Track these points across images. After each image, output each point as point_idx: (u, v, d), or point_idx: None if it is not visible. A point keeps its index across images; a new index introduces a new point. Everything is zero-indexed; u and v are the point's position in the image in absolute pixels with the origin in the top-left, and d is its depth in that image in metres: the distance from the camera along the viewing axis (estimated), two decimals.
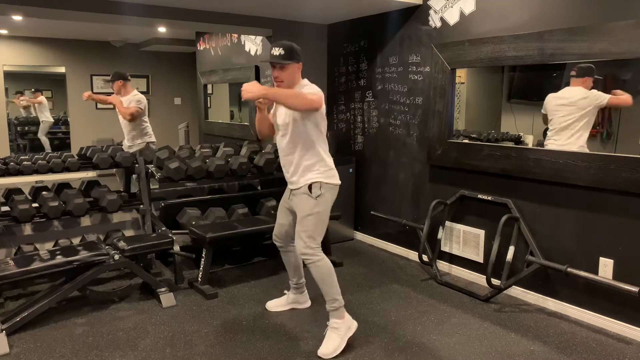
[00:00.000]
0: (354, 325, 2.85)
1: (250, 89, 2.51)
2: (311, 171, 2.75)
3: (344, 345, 2.74)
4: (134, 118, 4.77)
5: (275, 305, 3.28)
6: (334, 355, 2.69)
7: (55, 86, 8.63)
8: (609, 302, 3.02)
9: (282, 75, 2.70)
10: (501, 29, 3.42)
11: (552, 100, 3.36)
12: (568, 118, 3.26)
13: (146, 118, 4.96)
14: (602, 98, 3.16)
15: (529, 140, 3.69)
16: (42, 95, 8.51)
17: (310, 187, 2.73)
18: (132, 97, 4.83)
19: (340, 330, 2.77)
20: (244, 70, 5.56)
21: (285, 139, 2.78)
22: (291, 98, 2.57)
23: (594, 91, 3.19)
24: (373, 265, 4.19)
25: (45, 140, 8.55)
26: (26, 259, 3.10)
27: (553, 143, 3.33)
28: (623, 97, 3.11)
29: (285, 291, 3.33)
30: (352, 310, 3.18)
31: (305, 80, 2.81)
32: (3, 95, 7.79)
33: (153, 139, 5.01)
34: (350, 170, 4.74)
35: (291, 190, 2.86)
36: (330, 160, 2.82)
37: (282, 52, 2.66)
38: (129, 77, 5.04)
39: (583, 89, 3.21)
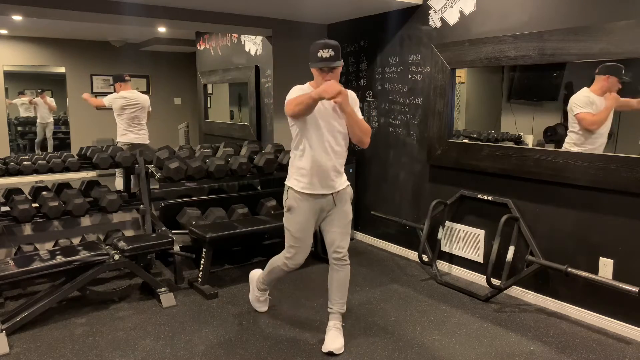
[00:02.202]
0: None
1: (342, 93, 2.40)
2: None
3: None
4: (96, 107, 5.39)
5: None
6: (341, 351, 2.72)
7: (55, 86, 8.63)
8: (609, 302, 3.02)
9: (332, 77, 2.49)
10: (501, 29, 3.42)
11: None
12: (571, 120, 3.23)
13: (127, 117, 5.16)
14: (574, 109, 3.14)
15: (529, 140, 3.69)
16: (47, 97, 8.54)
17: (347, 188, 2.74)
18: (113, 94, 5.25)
19: (342, 331, 2.81)
20: (244, 70, 5.56)
21: (338, 139, 2.64)
22: (361, 125, 2.56)
23: (578, 98, 3.16)
24: (373, 265, 4.19)
25: (51, 144, 8.59)
26: (26, 259, 3.10)
27: (566, 143, 3.28)
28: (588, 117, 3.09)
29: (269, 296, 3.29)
30: (352, 310, 3.18)
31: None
32: (3, 95, 7.79)
33: (131, 139, 5.19)
34: (350, 170, 4.73)
35: (331, 194, 2.69)
36: None
37: (333, 54, 2.45)
38: (127, 78, 5.18)
39: (586, 91, 3.17)
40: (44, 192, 3.60)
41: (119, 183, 4.82)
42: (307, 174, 2.63)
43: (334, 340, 2.73)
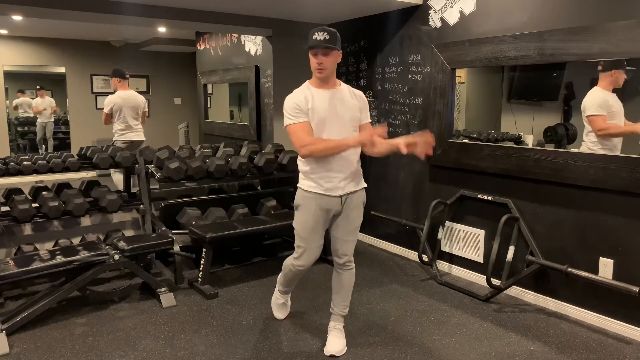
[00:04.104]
0: None
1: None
2: (361, 173, 2.70)
3: None
4: (107, 122, 5.23)
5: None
6: (343, 352, 2.71)
7: (55, 86, 8.64)
8: (609, 302, 3.02)
9: (326, 61, 2.48)
10: (501, 29, 3.41)
11: None
12: (585, 120, 3.21)
13: (121, 118, 5.19)
14: (589, 111, 3.11)
15: (529, 140, 3.70)
16: (45, 95, 8.54)
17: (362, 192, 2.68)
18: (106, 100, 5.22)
19: (343, 332, 2.80)
20: (244, 70, 5.56)
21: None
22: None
23: (596, 99, 3.12)
24: (373, 265, 4.19)
25: (51, 143, 8.60)
26: (26, 259, 3.10)
27: (583, 144, 3.26)
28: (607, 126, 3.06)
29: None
30: (352, 310, 3.18)
31: (344, 85, 2.65)
32: (3, 95, 7.80)
33: (126, 137, 5.23)
34: None
35: (341, 196, 2.61)
36: None
37: (328, 37, 2.46)
38: (127, 76, 5.16)
39: (598, 91, 3.15)
40: (44, 192, 3.60)
41: (117, 180, 4.80)
42: None
43: (335, 342, 2.73)
